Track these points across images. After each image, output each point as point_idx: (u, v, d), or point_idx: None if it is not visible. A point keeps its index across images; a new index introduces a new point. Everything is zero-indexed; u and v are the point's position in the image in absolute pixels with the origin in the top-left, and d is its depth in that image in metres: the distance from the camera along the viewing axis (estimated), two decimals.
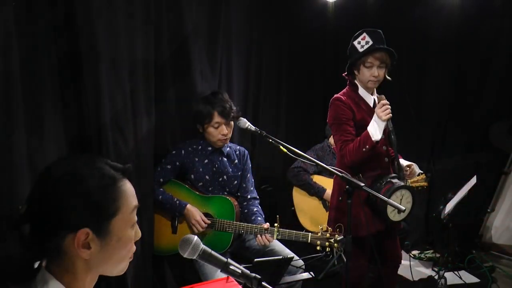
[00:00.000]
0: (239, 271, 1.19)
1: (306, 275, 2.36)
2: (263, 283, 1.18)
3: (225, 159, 2.72)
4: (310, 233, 2.35)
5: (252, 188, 2.79)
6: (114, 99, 2.32)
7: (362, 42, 2.42)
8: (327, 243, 2.28)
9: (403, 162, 2.62)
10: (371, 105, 2.51)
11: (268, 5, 3.49)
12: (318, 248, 2.31)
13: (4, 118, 1.86)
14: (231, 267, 1.19)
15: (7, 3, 1.84)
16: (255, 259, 2.05)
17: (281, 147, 2.23)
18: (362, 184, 2.05)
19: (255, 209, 2.71)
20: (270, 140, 2.30)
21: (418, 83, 4.02)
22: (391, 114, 2.38)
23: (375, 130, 2.36)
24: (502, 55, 3.81)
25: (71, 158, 1.04)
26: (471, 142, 4.02)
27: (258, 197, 2.81)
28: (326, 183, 3.32)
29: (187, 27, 2.77)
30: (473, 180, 3.30)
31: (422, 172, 3.24)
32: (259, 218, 2.65)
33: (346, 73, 2.57)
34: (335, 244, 2.26)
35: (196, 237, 1.20)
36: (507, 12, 3.66)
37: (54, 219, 0.95)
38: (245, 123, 2.47)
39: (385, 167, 2.53)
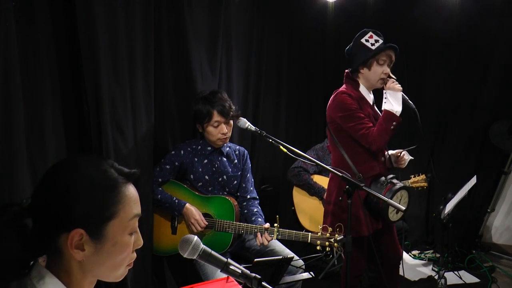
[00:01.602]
0: (239, 271, 1.19)
1: (306, 275, 2.36)
2: (263, 283, 1.18)
3: (225, 159, 2.72)
4: (310, 233, 2.35)
5: (251, 188, 2.78)
6: (114, 99, 2.33)
7: (371, 40, 2.42)
8: (327, 243, 2.28)
9: (391, 151, 2.64)
10: (371, 103, 2.53)
11: (268, 5, 3.49)
12: (318, 248, 2.31)
13: (4, 118, 1.86)
14: (231, 267, 1.19)
15: (7, 3, 1.84)
16: (255, 259, 2.04)
17: (281, 147, 2.22)
18: (362, 184, 2.05)
19: (255, 210, 2.70)
20: (270, 140, 2.30)
21: (418, 83, 4.01)
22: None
23: (394, 103, 2.39)
24: (502, 55, 3.81)
25: (79, 158, 1.03)
26: (471, 142, 4.02)
27: (257, 197, 2.80)
28: (326, 183, 3.31)
29: (187, 27, 2.77)
30: (473, 180, 3.30)
31: (421, 172, 3.25)
32: (260, 219, 2.64)
33: (350, 69, 2.54)
34: (335, 244, 2.26)
35: (196, 237, 1.20)
36: (507, 12, 3.66)
37: (50, 217, 0.95)
38: (245, 123, 2.47)
39: (383, 166, 2.55)
